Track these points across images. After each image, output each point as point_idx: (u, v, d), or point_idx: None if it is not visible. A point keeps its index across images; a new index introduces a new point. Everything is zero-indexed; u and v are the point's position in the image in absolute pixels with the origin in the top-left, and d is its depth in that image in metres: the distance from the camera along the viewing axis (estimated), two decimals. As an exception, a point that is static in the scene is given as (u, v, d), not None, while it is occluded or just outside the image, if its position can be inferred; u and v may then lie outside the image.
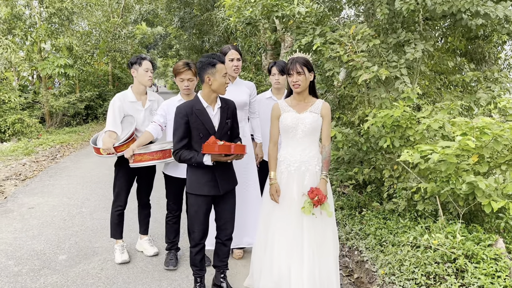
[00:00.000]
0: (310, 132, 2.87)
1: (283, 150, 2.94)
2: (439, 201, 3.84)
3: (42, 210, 4.98)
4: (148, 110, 3.56)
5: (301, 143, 2.88)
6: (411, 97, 4.48)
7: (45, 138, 10.46)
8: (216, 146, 2.57)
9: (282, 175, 2.90)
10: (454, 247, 3.31)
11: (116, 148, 3.27)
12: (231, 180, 2.94)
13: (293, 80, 2.78)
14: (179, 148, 2.73)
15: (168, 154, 3.23)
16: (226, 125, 2.84)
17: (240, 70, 3.66)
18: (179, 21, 15.51)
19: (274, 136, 2.97)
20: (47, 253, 3.74)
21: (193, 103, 2.76)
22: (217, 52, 2.94)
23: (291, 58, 2.85)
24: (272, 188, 2.89)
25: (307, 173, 2.87)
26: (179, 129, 2.71)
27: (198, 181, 2.79)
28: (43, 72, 12.12)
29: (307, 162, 2.87)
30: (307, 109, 2.87)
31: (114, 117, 3.40)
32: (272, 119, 2.96)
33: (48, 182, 6.34)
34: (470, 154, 3.71)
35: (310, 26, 5.35)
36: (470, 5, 4.31)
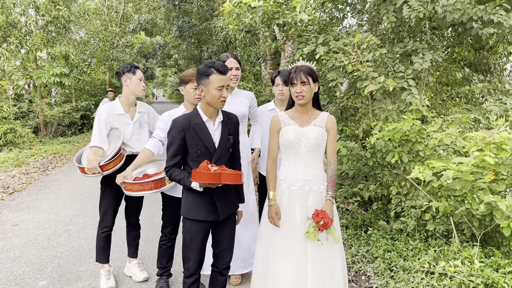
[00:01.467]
0: (315, 148, 2.60)
1: (283, 168, 2.66)
2: (453, 221, 3.56)
3: (27, 227, 4.67)
4: (138, 123, 3.29)
5: (304, 160, 2.61)
6: (420, 109, 4.23)
7: (38, 148, 10.17)
8: (205, 175, 2.23)
9: (283, 195, 2.62)
10: (472, 275, 3.02)
11: (102, 166, 2.99)
12: (231, 204, 2.61)
13: (296, 90, 2.52)
14: (171, 165, 2.43)
15: (161, 183, 2.89)
16: (228, 141, 2.53)
17: (239, 80, 3.41)
18: (177, 30, 15.34)
19: (273, 152, 2.68)
20: (27, 278, 3.43)
21: (191, 116, 2.46)
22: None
23: (294, 67, 2.59)
24: (271, 210, 2.58)
25: (311, 193, 2.59)
26: (174, 145, 2.41)
27: (194, 204, 2.47)
28: (38, 81, 11.89)
29: (311, 181, 2.60)
30: (310, 122, 2.61)
31: (100, 132, 3.12)
32: (271, 133, 2.68)
33: (36, 196, 6.04)
34: (485, 171, 3.45)
35: (312, 34, 5.11)
36: (483, 13, 4.08)
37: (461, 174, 3.24)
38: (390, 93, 4.64)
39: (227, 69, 2.43)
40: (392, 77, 4.48)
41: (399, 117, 4.31)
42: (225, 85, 2.40)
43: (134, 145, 3.24)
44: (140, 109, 3.33)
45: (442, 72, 6.03)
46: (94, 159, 2.99)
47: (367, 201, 5.03)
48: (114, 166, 3.04)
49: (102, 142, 3.11)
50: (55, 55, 12.88)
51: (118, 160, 3.06)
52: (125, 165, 3.07)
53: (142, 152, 2.95)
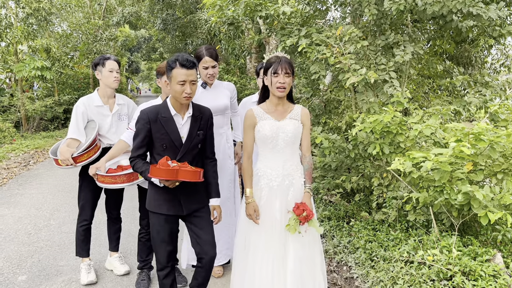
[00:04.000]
0: (292, 141, 2.57)
1: (261, 163, 2.61)
2: (432, 211, 3.61)
3: (6, 222, 4.60)
4: (117, 115, 3.25)
5: (282, 154, 2.56)
6: (401, 101, 4.27)
7: (19, 143, 10.00)
8: (162, 171, 2.18)
9: (262, 191, 2.56)
10: (450, 263, 3.08)
11: (76, 158, 2.95)
12: (199, 198, 2.55)
13: (279, 81, 2.43)
14: (135, 156, 2.38)
15: (134, 177, 2.85)
16: (197, 137, 2.46)
17: (217, 75, 3.32)
18: (161, 23, 15.17)
19: (248, 148, 2.58)
20: (5, 273, 3.39)
21: (160, 109, 2.39)
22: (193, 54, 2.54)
23: (275, 56, 2.51)
24: (249, 207, 2.51)
25: (291, 187, 2.56)
26: (139, 136, 2.36)
27: (157, 197, 2.43)
28: (19, 75, 11.66)
29: (291, 175, 2.57)
30: (286, 115, 2.56)
31: (77, 123, 3.10)
32: (246, 129, 2.58)
33: (17, 191, 5.94)
34: (464, 162, 3.50)
35: (295, 27, 5.11)
36: (462, 6, 4.11)
37: (439, 164, 3.28)
38: (372, 86, 4.67)
39: (193, 64, 2.31)
40: (374, 69, 4.50)
41: (380, 109, 4.34)
42: (189, 80, 2.29)
43: (112, 137, 3.21)
44: (119, 101, 3.29)
45: (423, 65, 6.09)
46: (67, 150, 2.96)
47: (350, 192, 5.08)
48: (88, 158, 3.00)
49: (79, 134, 3.07)
50: (36, 48, 12.64)
51: (92, 152, 3.02)
52: (101, 157, 3.03)
53: (117, 144, 2.93)
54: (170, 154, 2.34)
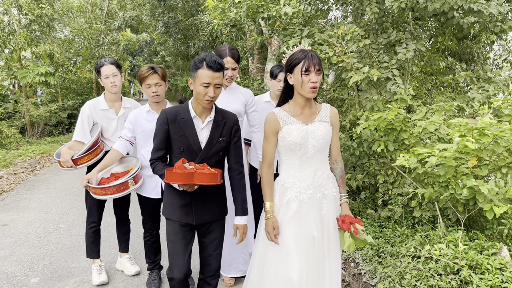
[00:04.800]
0: (323, 148, 2.28)
1: (286, 173, 2.31)
2: (438, 207, 3.64)
3: (17, 227, 4.66)
4: (122, 118, 3.26)
5: (312, 163, 2.27)
6: (404, 98, 4.30)
7: (25, 148, 10.07)
8: (177, 176, 2.07)
9: (291, 204, 2.26)
10: (457, 257, 3.11)
11: (76, 160, 2.96)
12: (214, 209, 2.39)
13: (312, 80, 2.10)
14: (154, 159, 2.30)
15: (124, 187, 2.82)
16: (218, 143, 2.29)
17: (235, 78, 3.17)
18: (163, 26, 15.25)
19: (269, 156, 2.29)
20: (18, 276, 3.44)
21: (180, 110, 2.28)
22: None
23: (301, 51, 2.18)
24: (268, 224, 2.21)
25: (324, 200, 2.28)
26: (157, 137, 2.27)
27: (172, 203, 2.33)
28: (23, 81, 11.75)
29: (323, 186, 2.28)
30: (314, 118, 2.25)
31: (83, 126, 3.14)
32: (267, 135, 2.27)
33: (25, 196, 6.01)
34: (469, 157, 3.53)
35: (297, 27, 5.16)
36: (463, 2, 4.14)
37: (444, 160, 3.32)
38: (375, 83, 4.70)
39: (220, 67, 2.17)
40: (377, 67, 4.54)
41: (384, 106, 4.38)
42: (213, 83, 2.16)
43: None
44: (126, 104, 3.31)
45: (426, 62, 6.11)
46: (67, 152, 2.97)
47: (355, 190, 5.11)
48: (88, 160, 3.02)
49: (84, 137, 3.12)
50: (39, 54, 12.73)
51: (93, 155, 3.03)
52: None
53: (110, 153, 2.92)
54: (188, 158, 2.23)
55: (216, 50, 3.11)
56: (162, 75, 2.92)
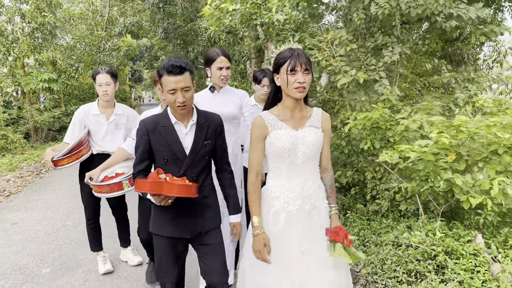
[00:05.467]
0: (313, 155, 2.10)
1: (274, 182, 2.13)
2: (419, 200, 3.90)
3: (26, 225, 4.94)
4: (113, 124, 3.39)
5: (301, 171, 2.09)
6: (390, 99, 4.57)
7: (30, 153, 10.36)
8: (145, 184, 1.93)
9: (279, 215, 2.08)
10: (434, 244, 3.37)
11: (56, 162, 3.06)
12: (206, 219, 2.23)
13: (298, 80, 1.94)
14: (136, 172, 2.15)
15: (118, 187, 2.81)
16: (204, 147, 2.15)
17: (229, 79, 3.09)
18: (163, 32, 15.58)
19: (256, 164, 2.09)
20: (30, 267, 3.72)
21: (159, 118, 2.15)
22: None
23: (288, 50, 2.03)
24: (257, 241, 2.00)
25: (314, 211, 2.10)
26: (139, 149, 2.14)
27: (160, 218, 2.19)
28: (27, 87, 12.05)
29: (313, 196, 2.11)
30: (305, 123, 2.09)
31: (73, 129, 3.33)
32: (254, 140, 2.09)
33: (32, 197, 6.28)
34: (448, 152, 3.79)
35: (289, 33, 5.43)
36: (442, 8, 4.42)
37: (423, 155, 3.58)
38: (363, 85, 4.97)
39: (181, 69, 2.03)
40: (365, 70, 4.80)
41: (371, 106, 4.64)
42: (179, 88, 2.02)
43: (107, 145, 3.37)
44: (118, 111, 3.43)
45: (415, 64, 6.39)
46: (49, 153, 3.09)
47: (346, 186, 5.36)
48: (68, 163, 3.12)
49: (72, 139, 3.27)
50: (42, 61, 13.05)
51: (73, 158, 3.14)
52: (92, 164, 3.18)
53: (116, 152, 2.95)
54: (173, 168, 2.10)
55: (206, 55, 3.05)
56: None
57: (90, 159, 3.32)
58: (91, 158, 3.33)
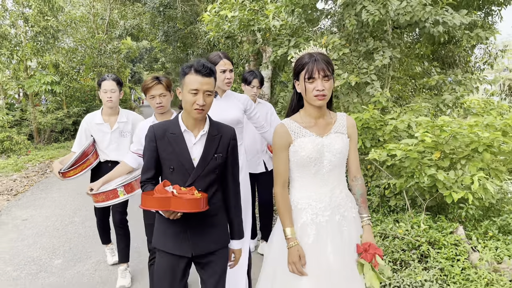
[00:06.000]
0: (340, 163, 2.02)
1: (300, 193, 2.03)
2: (406, 195, 4.17)
3: (36, 221, 5.20)
4: (117, 132, 3.41)
5: (328, 180, 2.00)
6: (380, 100, 4.84)
7: (34, 154, 10.62)
8: (152, 200, 1.83)
9: (308, 228, 1.97)
10: (418, 236, 3.64)
11: (64, 173, 3.10)
12: (215, 237, 2.09)
13: (317, 87, 1.85)
14: (144, 180, 2.06)
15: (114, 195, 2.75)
16: (214, 160, 2.02)
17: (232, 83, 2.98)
18: (163, 35, 15.84)
19: (282, 174, 2.01)
20: (43, 259, 3.99)
21: (169, 125, 2.06)
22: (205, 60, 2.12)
23: (307, 55, 1.91)
24: (292, 253, 1.90)
25: (344, 222, 2.00)
26: (146, 156, 2.06)
27: (163, 231, 2.05)
28: (30, 90, 12.31)
29: (342, 206, 2.01)
30: (330, 129, 2.00)
31: (80, 138, 3.42)
32: (277, 150, 2.00)
33: (39, 196, 6.54)
34: (433, 151, 4.06)
35: (285, 37, 5.70)
36: (429, 15, 4.70)
37: (408, 153, 3.85)
38: (355, 88, 5.24)
39: (210, 72, 1.96)
40: (357, 73, 5.08)
41: (362, 108, 4.91)
42: (203, 90, 1.93)
43: (112, 153, 3.41)
44: (122, 119, 3.43)
45: (406, 67, 6.67)
46: (57, 165, 3.15)
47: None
48: (74, 174, 3.18)
49: (79, 148, 3.36)
50: (45, 64, 13.31)
51: (79, 169, 3.20)
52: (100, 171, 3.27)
53: (118, 166, 2.87)
54: (179, 179, 1.98)
55: (208, 59, 2.94)
56: (167, 85, 2.81)
57: (99, 168, 3.40)
58: (99, 166, 3.41)
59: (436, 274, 3.29)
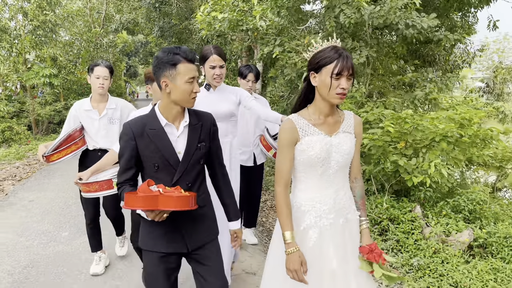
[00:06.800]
0: (346, 164, 1.95)
1: (304, 194, 1.95)
2: (373, 180, 4.71)
3: (41, 202, 5.69)
4: (106, 118, 3.37)
5: (333, 182, 1.93)
6: (355, 95, 5.37)
7: (34, 144, 11.07)
8: (138, 199, 1.69)
9: (309, 232, 1.90)
10: (381, 213, 4.18)
11: (48, 157, 3.05)
12: (206, 228, 2.05)
13: (342, 85, 1.77)
14: (121, 182, 1.93)
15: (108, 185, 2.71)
16: (198, 150, 1.95)
17: (224, 77, 2.96)
18: (159, 30, 16.27)
19: (285, 173, 1.90)
20: (52, 231, 4.50)
21: (146, 120, 1.92)
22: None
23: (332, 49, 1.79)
24: (292, 259, 1.79)
25: (347, 226, 1.95)
26: (124, 156, 1.91)
27: (152, 230, 1.96)
28: (29, 82, 12.70)
29: (345, 209, 1.95)
30: (338, 128, 1.92)
31: (68, 125, 3.36)
32: (282, 147, 1.90)
33: (43, 181, 7.02)
34: (399, 140, 4.60)
35: (271, 37, 6.21)
36: (399, 19, 5.21)
37: (374, 142, 4.38)
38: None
39: (195, 57, 1.91)
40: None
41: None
42: (196, 77, 1.88)
43: (101, 140, 3.35)
44: (111, 105, 3.39)
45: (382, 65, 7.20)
46: (41, 149, 3.09)
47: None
48: (58, 158, 3.12)
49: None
50: (43, 57, 13.71)
51: (63, 153, 3.12)
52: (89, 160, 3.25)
53: (107, 155, 2.82)
54: (165, 176, 1.90)
55: (201, 52, 2.97)
56: None
57: (87, 156, 3.37)
58: (88, 155, 3.37)
59: (392, 245, 3.84)
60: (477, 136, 4.63)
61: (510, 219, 4.29)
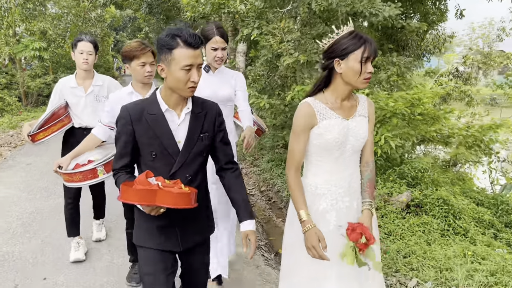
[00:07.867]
0: (360, 147, 1.96)
1: (319, 178, 1.94)
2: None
3: (38, 165, 6.28)
4: (92, 95, 3.25)
5: (348, 165, 1.94)
6: (323, 76, 6.01)
7: (25, 115, 11.54)
8: (134, 193, 1.60)
9: (326, 216, 1.91)
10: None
11: (33, 136, 2.99)
12: (201, 227, 1.97)
13: (369, 70, 1.80)
14: (117, 168, 1.84)
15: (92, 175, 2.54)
16: (200, 141, 1.83)
17: (225, 59, 2.83)
18: (147, 7, 16.59)
19: (297, 157, 1.90)
20: (51, 188, 5.12)
21: (146, 104, 1.81)
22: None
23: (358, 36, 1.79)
24: (310, 236, 1.79)
25: (359, 209, 1.96)
26: (120, 141, 1.81)
27: (147, 226, 1.87)
28: (19, 55, 13.00)
29: (358, 192, 1.97)
30: (354, 112, 1.93)
31: (53, 102, 3.25)
32: (298, 130, 1.88)
33: (39, 148, 7.39)
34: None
35: (251, 19, 6.77)
36: (363, 8, 5.81)
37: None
38: (306, 65, 6.38)
39: (200, 42, 1.70)
40: (308, 53, 6.20)
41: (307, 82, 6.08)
42: (196, 64, 1.69)
43: (87, 118, 3.24)
44: (97, 82, 3.28)
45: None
46: (26, 128, 3.00)
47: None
48: (44, 136, 3.08)
49: None
50: (33, 30, 13.98)
51: (50, 131, 3.08)
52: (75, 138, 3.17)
53: (86, 139, 2.68)
54: (162, 166, 1.78)
55: (202, 30, 2.81)
56: (154, 54, 2.58)
57: (72, 134, 3.28)
58: (73, 132, 3.28)
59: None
60: (427, 115, 5.33)
61: (446, 185, 5.04)
